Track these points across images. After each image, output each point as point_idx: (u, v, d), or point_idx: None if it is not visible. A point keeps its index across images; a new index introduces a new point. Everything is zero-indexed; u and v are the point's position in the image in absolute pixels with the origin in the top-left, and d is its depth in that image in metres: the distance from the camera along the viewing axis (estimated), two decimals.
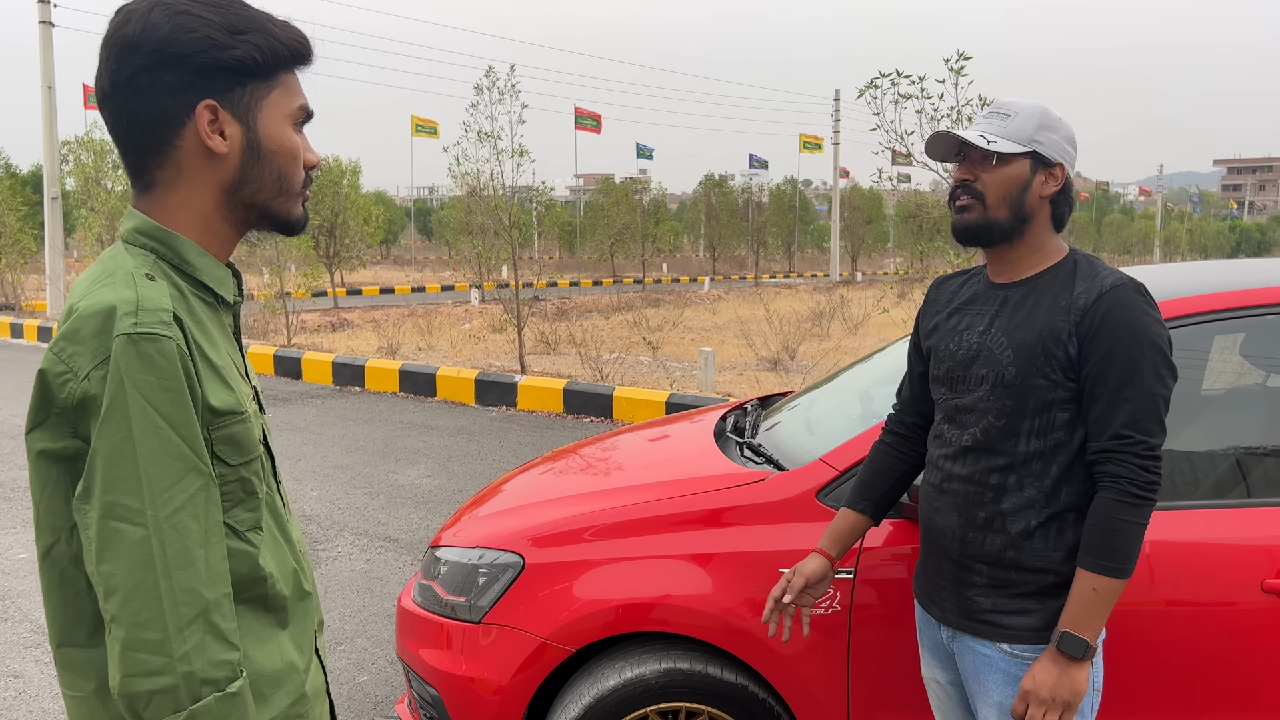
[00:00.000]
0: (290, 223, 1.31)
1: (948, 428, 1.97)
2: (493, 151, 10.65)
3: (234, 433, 1.19)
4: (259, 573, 1.23)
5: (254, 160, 1.24)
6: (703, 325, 18.61)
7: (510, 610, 2.54)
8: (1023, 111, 1.88)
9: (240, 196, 1.25)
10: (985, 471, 1.88)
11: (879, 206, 51.25)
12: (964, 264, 8.43)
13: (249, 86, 1.22)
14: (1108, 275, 1.83)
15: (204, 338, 1.18)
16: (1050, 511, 1.84)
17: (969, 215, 1.89)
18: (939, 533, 1.97)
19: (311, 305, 18.26)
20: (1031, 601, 1.86)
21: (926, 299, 2.15)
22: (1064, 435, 1.83)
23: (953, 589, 1.95)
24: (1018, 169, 1.86)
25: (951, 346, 1.97)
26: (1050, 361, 1.81)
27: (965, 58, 7.64)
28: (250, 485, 1.22)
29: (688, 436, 3.22)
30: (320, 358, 11.43)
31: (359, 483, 6.80)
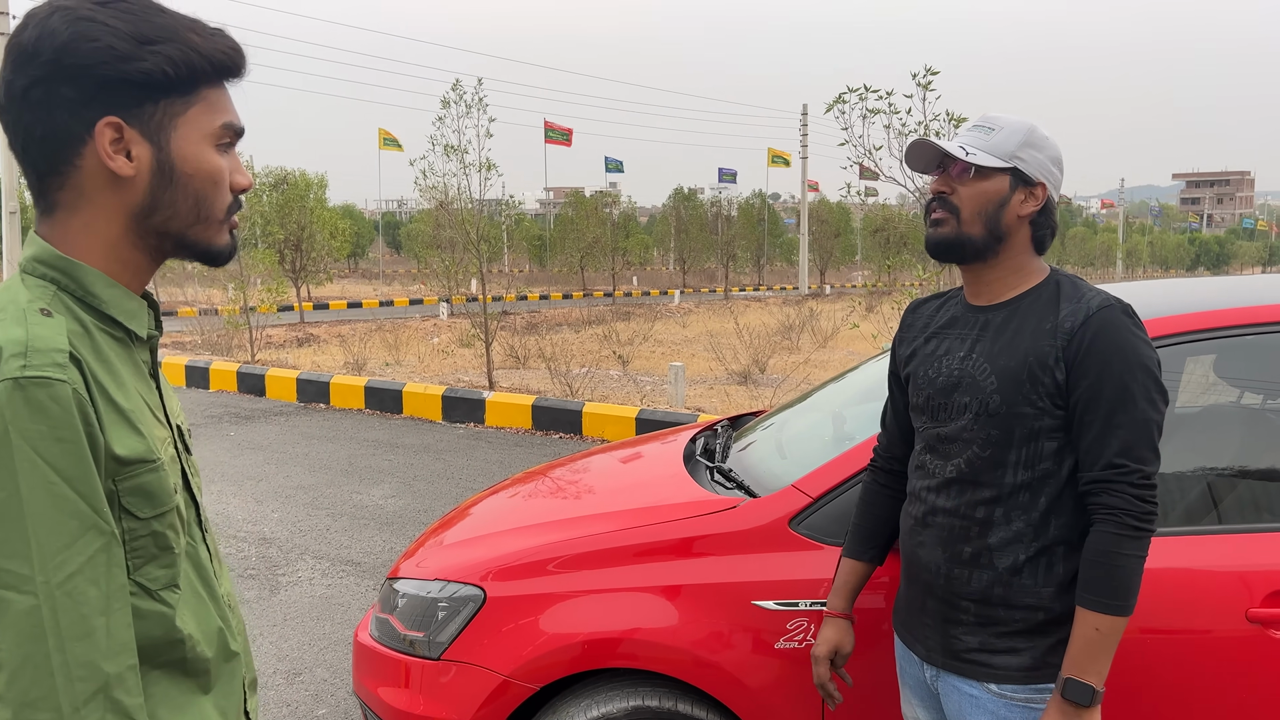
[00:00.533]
0: (211, 253, 1.17)
1: (930, 458, 1.89)
2: (460, 165, 10.54)
3: (144, 483, 1.06)
4: (176, 635, 1.11)
5: (165, 184, 1.11)
6: (673, 339, 18.55)
7: (471, 646, 2.43)
8: (1008, 126, 1.81)
9: (151, 224, 1.12)
10: (971, 504, 1.80)
11: (847, 220, 51.58)
12: (933, 278, 8.42)
13: (161, 103, 1.09)
14: (1093, 296, 1.75)
15: (110, 378, 1.06)
16: (1039, 545, 1.76)
17: (943, 229, 1.82)
18: (922, 568, 1.88)
19: (277, 320, 18.01)
20: (1021, 640, 1.78)
21: (902, 324, 2.07)
22: (1052, 465, 1.75)
23: (937, 627, 1.86)
24: (996, 184, 1.79)
25: (931, 373, 1.89)
26: (1037, 388, 1.73)
27: (933, 73, 7.64)
28: (164, 539, 1.09)
29: (658, 460, 3.12)
30: (284, 374, 11.24)
31: (321, 503, 6.64)
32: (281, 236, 20.30)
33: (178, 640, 1.11)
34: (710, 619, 2.31)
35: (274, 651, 4.27)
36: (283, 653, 4.26)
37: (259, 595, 4.92)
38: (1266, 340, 2.40)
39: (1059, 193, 1.86)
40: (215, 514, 6.33)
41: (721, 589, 2.32)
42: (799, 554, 2.32)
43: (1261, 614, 2.11)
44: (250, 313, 14.27)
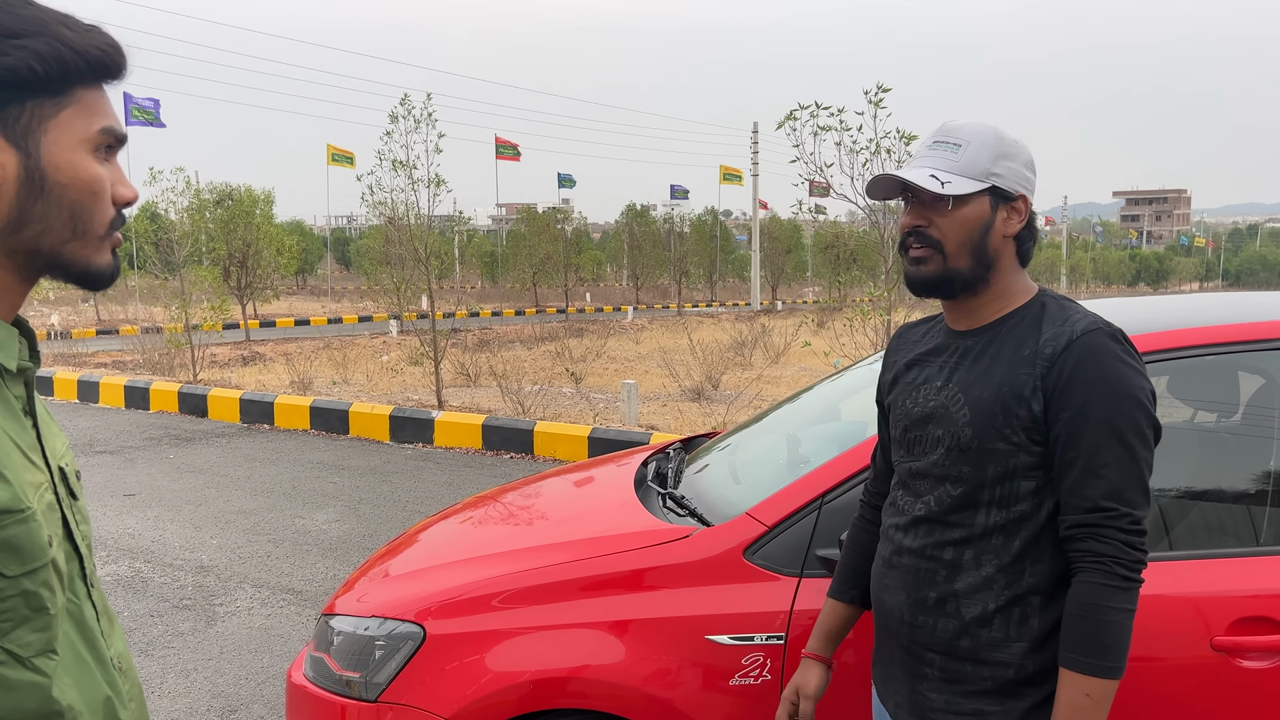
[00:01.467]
0: (91, 274, 1.04)
1: (901, 494, 1.74)
2: (408, 180, 10.37)
3: (11, 536, 0.93)
4: (53, 707, 0.97)
5: (35, 196, 0.98)
6: (626, 355, 18.46)
7: (410, 687, 2.30)
8: (974, 139, 1.63)
9: (19, 240, 0.99)
10: (938, 545, 1.65)
11: (798, 237, 52.02)
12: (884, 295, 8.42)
13: (28, 104, 0.97)
14: (1079, 319, 1.59)
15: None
16: (1011, 594, 1.59)
17: (926, 268, 1.65)
18: (888, 614, 1.73)
19: (221, 338, 17.60)
20: (989, 701, 1.61)
21: (888, 350, 1.92)
22: (1029, 507, 1.59)
23: (905, 681, 1.71)
24: (976, 209, 1.62)
25: (909, 404, 1.74)
26: (1010, 421, 1.57)
27: (884, 90, 7.66)
28: (37, 599, 0.96)
29: (608, 485, 3.02)
30: (227, 394, 10.95)
31: (263, 529, 6.43)
32: (225, 253, 19.90)
33: (55, 713, 0.98)
34: (663, 655, 2.20)
35: (208, 687, 4.07)
36: (218, 688, 4.07)
37: (194, 627, 4.72)
38: (1221, 361, 2.36)
39: (1033, 197, 1.70)
40: (151, 541, 6.10)
41: (674, 623, 2.22)
42: (754, 585, 2.23)
43: (1226, 642, 2.06)
44: (193, 331, 13.92)
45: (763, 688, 2.18)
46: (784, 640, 2.18)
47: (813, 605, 2.19)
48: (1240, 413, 2.60)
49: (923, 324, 1.88)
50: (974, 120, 1.69)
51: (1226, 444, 2.56)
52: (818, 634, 1.94)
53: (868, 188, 1.78)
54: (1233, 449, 2.53)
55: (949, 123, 1.71)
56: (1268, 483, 2.26)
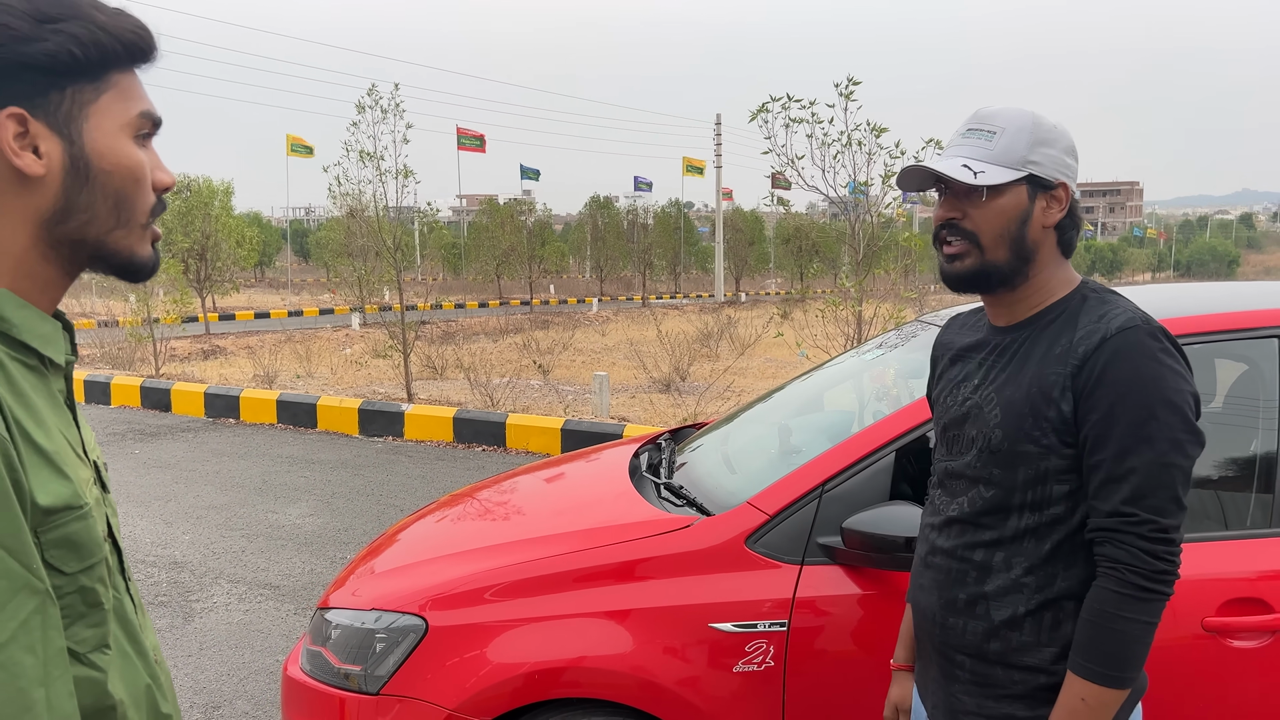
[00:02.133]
0: (134, 264, 1.03)
1: (939, 493, 1.70)
2: (376, 172, 10.27)
3: (71, 533, 0.93)
4: (107, 702, 0.97)
5: (81, 184, 0.96)
6: (593, 347, 18.47)
7: (413, 679, 2.30)
8: (1010, 125, 1.55)
9: (65, 231, 0.97)
10: (969, 546, 1.60)
11: (760, 228, 52.23)
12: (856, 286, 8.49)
13: (69, 90, 0.95)
14: (1117, 315, 1.50)
15: (29, 417, 0.91)
16: (1043, 598, 1.54)
17: (963, 264, 1.57)
18: (921, 615, 1.70)
19: (181, 332, 17.35)
20: (1021, 707, 1.57)
21: (935, 343, 1.84)
22: (1062, 510, 1.53)
23: (939, 682, 1.68)
24: (1014, 199, 1.54)
25: (948, 400, 1.69)
26: (1040, 423, 1.51)
27: (855, 83, 7.71)
28: (93, 595, 0.96)
29: (602, 477, 3.03)
30: (191, 388, 10.80)
31: (235, 524, 6.36)
32: (185, 245, 19.59)
33: (109, 707, 0.98)
34: (666, 643, 2.22)
35: (190, 684, 4.03)
36: (199, 685, 4.02)
37: (172, 623, 4.66)
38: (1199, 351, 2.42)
39: (1074, 186, 1.60)
40: (122, 537, 6.00)
41: (677, 611, 2.24)
42: (756, 573, 2.25)
43: (1217, 623, 2.12)
44: (154, 324, 13.71)
45: (766, 674, 2.20)
46: (787, 627, 2.20)
47: (815, 592, 2.22)
48: (1221, 400, 2.66)
49: (972, 314, 1.81)
50: (1009, 105, 1.60)
51: (1212, 431, 2.62)
52: (903, 643, 1.89)
53: (899, 179, 1.72)
54: (1218, 436, 2.59)
55: (983, 109, 1.62)
56: (1254, 467, 2.32)
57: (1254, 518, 2.26)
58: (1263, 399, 2.33)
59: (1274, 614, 2.10)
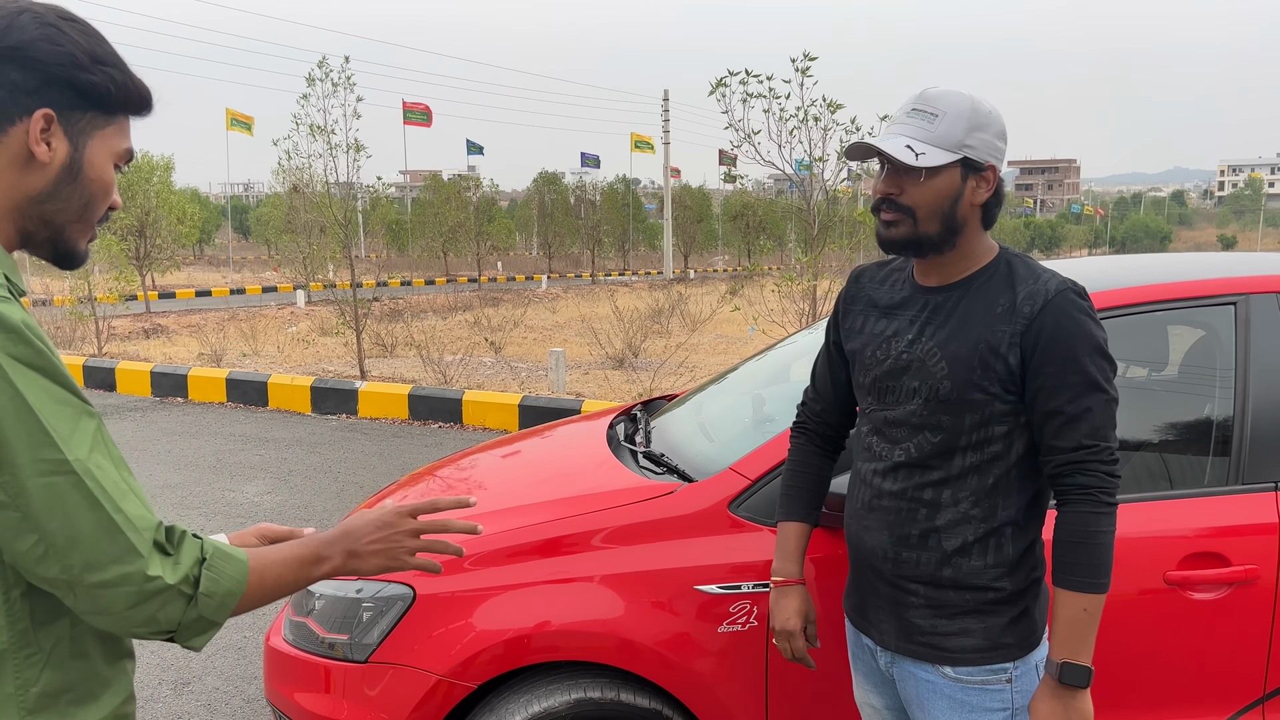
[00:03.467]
0: (73, 255, 1.29)
1: (876, 440, 1.85)
2: (326, 146, 10.11)
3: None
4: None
5: (69, 180, 1.23)
6: (544, 324, 18.42)
7: (401, 646, 2.32)
8: (951, 109, 1.69)
9: (43, 209, 1.24)
10: (918, 487, 1.78)
11: (708, 205, 52.33)
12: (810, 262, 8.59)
13: (89, 114, 1.23)
14: (1049, 279, 1.72)
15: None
16: (987, 527, 1.75)
17: (896, 230, 1.75)
18: (869, 553, 1.85)
19: (122, 310, 16.95)
20: (972, 620, 1.77)
21: (845, 294, 2.00)
22: (1000, 448, 1.74)
23: (890, 610, 1.84)
24: (948, 180, 1.71)
25: (879, 354, 1.84)
26: (988, 374, 1.70)
27: (811, 58, 7.76)
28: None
29: (582, 446, 3.06)
30: (137, 367, 10.59)
31: (192, 502, 6.28)
32: (126, 222, 19.10)
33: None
34: (652, 606, 2.27)
35: (156, 661, 4.00)
36: (166, 662, 4.00)
37: None
38: (1162, 318, 2.52)
39: (1002, 167, 1.78)
40: None
41: (663, 575, 2.29)
42: (740, 536, 2.31)
43: (1178, 576, 2.23)
44: (93, 303, 13.38)
45: (749, 633, 2.27)
46: (770, 588, 2.26)
47: None
48: (1176, 366, 2.77)
49: (877, 269, 1.97)
50: (952, 89, 1.74)
51: (1167, 395, 2.73)
52: (792, 558, 2.03)
53: (847, 151, 1.86)
54: (1178, 400, 2.70)
55: (928, 90, 1.76)
56: (1211, 429, 2.43)
57: (1211, 477, 2.37)
58: (1219, 364, 2.44)
59: (1231, 567, 2.22)
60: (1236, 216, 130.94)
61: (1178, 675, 2.27)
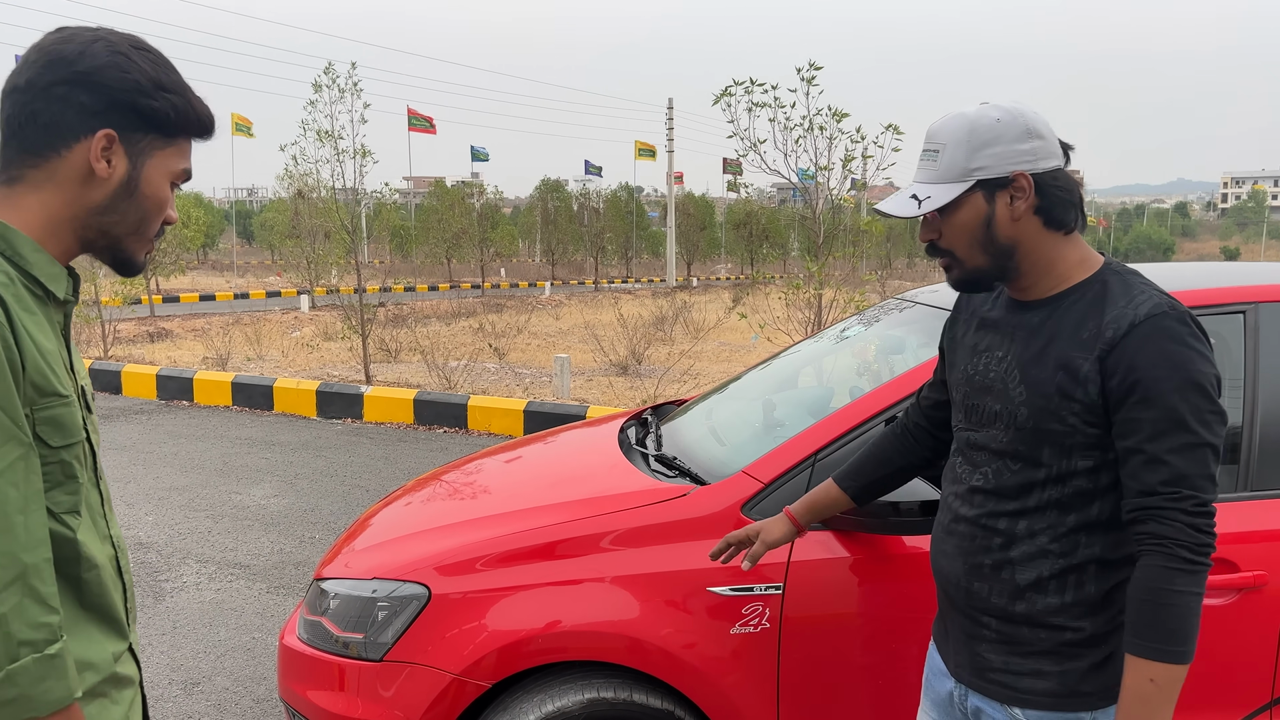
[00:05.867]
0: (131, 263, 1.39)
1: (960, 462, 1.76)
2: (333, 151, 10.15)
3: (56, 415, 1.23)
4: (82, 552, 1.27)
5: (126, 195, 1.33)
6: (547, 330, 18.45)
7: (416, 645, 2.34)
8: (949, 140, 1.60)
9: (101, 221, 1.33)
10: (993, 515, 1.66)
11: (711, 213, 52.40)
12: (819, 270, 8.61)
13: (150, 136, 1.33)
14: (1144, 300, 1.54)
15: (31, 321, 1.22)
16: (1066, 563, 1.61)
17: (953, 274, 1.67)
18: (945, 579, 1.77)
19: (128, 314, 17.00)
20: (1047, 662, 1.63)
21: (955, 305, 1.89)
22: (1086, 484, 1.59)
23: (964, 642, 1.74)
24: (971, 209, 1.60)
25: (969, 370, 1.74)
26: (1067, 403, 1.56)
27: (816, 68, 7.81)
28: (70, 469, 1.27)
29: (593, 450, 3.08)
30: (142, 370, 10.62)
31: (199, 505, 6.30)
32: None
33: (75, 558, 1.27)
34: (666, 607, 2.29)
35: (166, 661, 4.02)
36: (176, 662, 4.01)
37: (142, 603, 4.63)
38: None
39: (1049, 158, 1.60)
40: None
41: (676, 576, 2.31)
42: None
43: None
44: (99, 306, 13.42)
45: (762, 635, 2.28)
46: (782, 590, 2.28)
47: (808, 556, 2.30)
48: None
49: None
50: (950, 117, 1.63)
51: None
52: (804, 503, 2.11)
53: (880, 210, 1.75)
54: None
55: (931, 126, 1.66)
56: None
57: (1221, 484, 2.39)
58: (1228, 372, 2.46)
59: (1240, 573, 2.23)
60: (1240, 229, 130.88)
61: (1186, 680, 2.28)
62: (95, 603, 1.31)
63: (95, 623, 1.32)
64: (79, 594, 1.29)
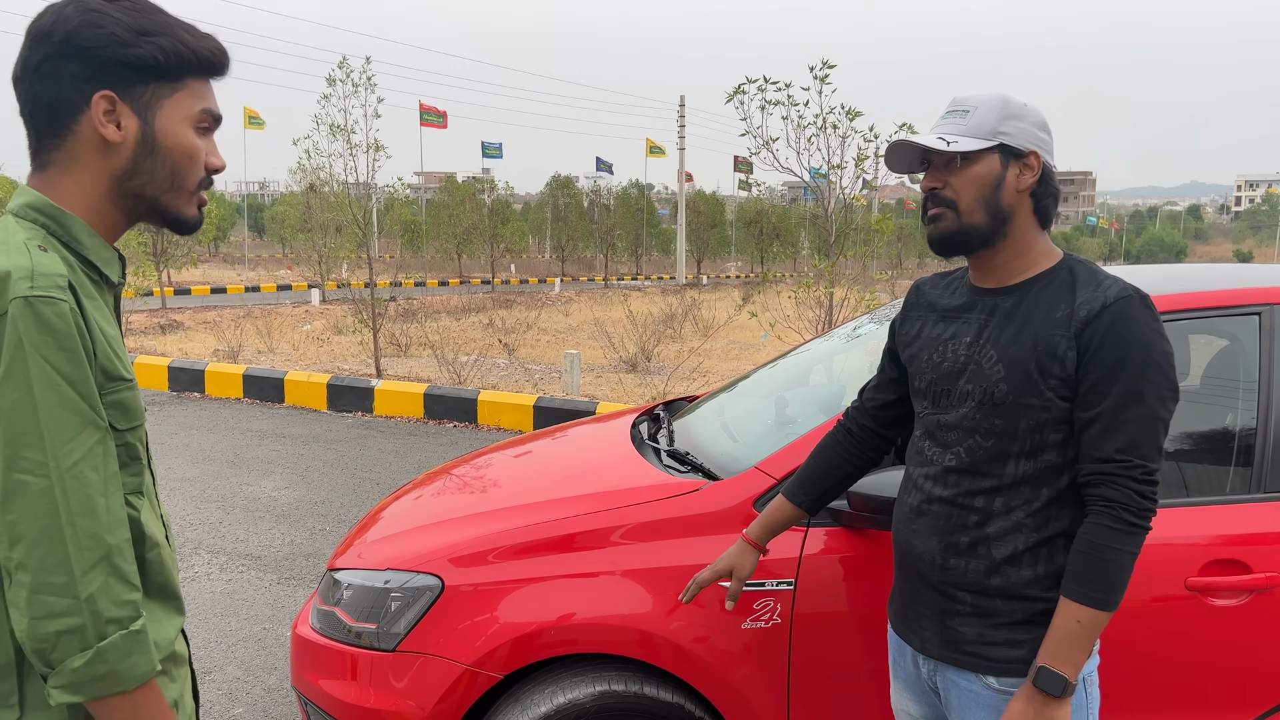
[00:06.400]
0: (181, 220, 1.35)
1: (928, 444, 1.83)
2: (346, 145, 10.19)
3: (123, 399, 1.25)
4: (145, 531, 1.30)
5: (147, 153, 1.29)
6: (557, 327, 18.47)
7: (429, 636, 2.35)
8: (982, 104, 1.73)
9: (130, 186, 1.30)
10: (969, 494, 1.75)
11: (722, 211, 52.33)
12: (828, 268, 8.61)
13: (151, 85, 1.28)
14: (1111, 285, 1.68)
15: (93, 307, 1.24)
16: (1039, 536, 1.71)
17: (943, 224, 1.75)
18: (917, 558, 1.83)
19: (139, 305, 17.07)
20: (1019, 631, 1.73)
21: (905, 303, 2.00)
22: (1056, 457, 1.70)
23: (934, 618, 1.82)
24: (987, 166, 1.71)
25: (935, 358, 1.82)
26: (1045, 379, 1.67)
27: (829, 66, 7.80)
28: (135, 451, 1.30)
29: (605, 444, 3.09)
30: (154, 361, 10.67)
31: (210, 496, 6.34)
32: None
33: (140, 538, 1.29)
34: (676, 601, 2.30)
35: None
36: None
37: None
38: (1185, 327, 2.54)
39: (1053, 158, 1.78)
40: None
41: (688, 571, 2.31)
42: None
43: (1199, 583, 2.24)
44: None
45: (773, 630, 2.29)
46: (794, 585, 2.29)
47: (820, 552, 2.31)
48: (1199, 376, 2.79)
49: (938, 279, 1.97)
50: (983, 91, 1.78)
51: (1195, 404, 2.74)
52: (761, 524, 2.13)
53: (887, 159, 1.86)
54: (1202, 409, 2.72)
55: (959, 94, 1.80)
56: (1234, 439, 2.45)
57: (1233, 485, 2.39)
58: (1243, 374, 2.46)
59: (1252, 574, 2.23)
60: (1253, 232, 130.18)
61: (1197, 680, 2.29)
62: (158, 581, 1.33)
63: (158, 601, 1.34)
64: (144, 575, 1.31)
